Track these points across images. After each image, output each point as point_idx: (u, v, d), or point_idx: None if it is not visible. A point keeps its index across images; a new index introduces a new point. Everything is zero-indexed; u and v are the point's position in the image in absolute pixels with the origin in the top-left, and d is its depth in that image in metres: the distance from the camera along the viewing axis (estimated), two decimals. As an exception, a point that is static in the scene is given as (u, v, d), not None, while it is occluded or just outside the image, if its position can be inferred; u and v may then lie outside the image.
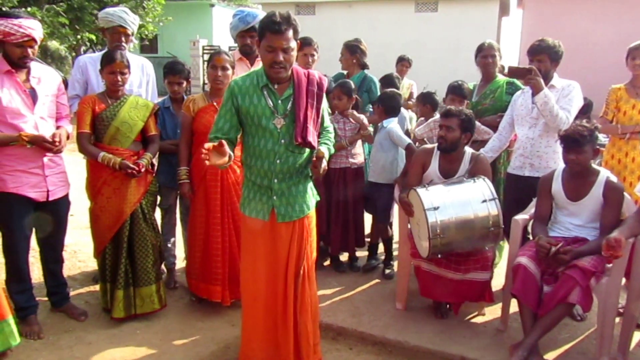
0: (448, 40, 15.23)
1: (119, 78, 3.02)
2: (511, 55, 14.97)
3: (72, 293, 3.34)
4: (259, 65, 3.55)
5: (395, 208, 3.68)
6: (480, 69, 3.83)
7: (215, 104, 3.16)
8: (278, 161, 2.36)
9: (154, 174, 3.28)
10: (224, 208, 3.15)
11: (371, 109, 4.25)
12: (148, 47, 18.68)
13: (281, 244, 2.44)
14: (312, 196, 2.53)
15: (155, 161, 3.41)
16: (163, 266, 3.69)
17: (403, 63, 6.39)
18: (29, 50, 2.73)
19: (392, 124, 3.69)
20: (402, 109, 4.06)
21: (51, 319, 3.10)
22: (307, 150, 2.40)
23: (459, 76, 4.35)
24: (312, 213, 2.53)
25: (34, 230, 3.00)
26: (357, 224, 3.90)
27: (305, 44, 3.73)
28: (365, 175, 3.93)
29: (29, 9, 10.33)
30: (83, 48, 13.55)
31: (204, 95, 3.24)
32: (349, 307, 3.38)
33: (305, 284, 2.46)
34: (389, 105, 3.71)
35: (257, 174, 2.43)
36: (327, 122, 2.56)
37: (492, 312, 3.27)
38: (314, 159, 2.31)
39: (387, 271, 3.86)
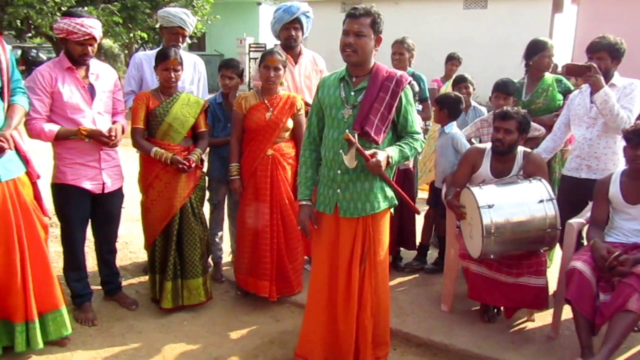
0: (497, 38, 14.82)
1: (172, 75, 3.09)
2: (564, 53, 14.42)
3: (123, 283, 3.46)
4: (302, 62, 3.58)
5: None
6: (535, 67, 3.69)
7: (266, 101, 3.19)
8: (341, 151, 2.36)
9: (203, 170, 3.34)
10: (274, 204, 3.18)
11: (419, 107, 4.20)
12: (196, 45, 19.09)
13: (344, 240, 2.44)
14: (382, 197, 2.44)
15: (205, 156, 3.49)
16: (210, 260, 3.77)
17: (453, 62, 6.25)
18: (89, 48, 2.83)
19: (454, 128, 3.60)
20: None
21: (104, 307, 3.22)
22: (373, 145, 2.35)
23: (508, 74, 4.22)
24: (381, 215, 2.47)
25: (89, 221, 3.12)
26: (405, 226, 3.86)
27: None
28: (415, 177, 3.89)
29: (85, 8, 10.76)
30: (135, 46, 13.98)
31: (255, 93, 3.27)
32: (393, 308, 3.33)
33: (365, 282, 2.43)
34: (454, 110, 3.62)
35: (325, 164, 2.48)
36: (416, 128, 2.46)
37: (542, 318, 3.17)
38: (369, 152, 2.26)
39: (427, 266, 3.83)
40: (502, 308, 3.16)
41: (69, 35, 2.76)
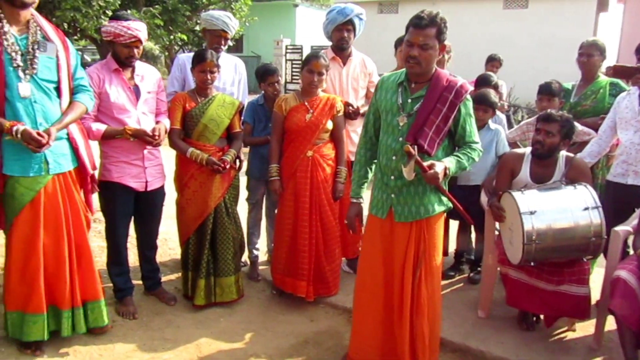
0: (539, 38, 14.45)
1: (209, 77, 3.15)
2: (610, 53, 13.96)
3: (163, 279, 3.54)
4: (351, 64, 3.59)
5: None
6: (579, 68, 3.60)
7: (306, 103, 3.22)
8: (394, 158, 2.35)
9: (237, 170, 3.39)
10: (313, 205, 3.20)
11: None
12: (234, 46, 19.37)
13: (398, 244, 2.43)
14: (437, 201, 2.42)
15: (244, 156, 3.54)
16: (247, 259, 3.83)
17: (493, 63, 6.13)
18: (135, 50, 2.92)
19: (498, 125, 3.55)
20: None
21: (144, 302, 3.31)
22: (426, 157, 2.31)
23: (551, 75, 4.12)
24: (435, 219, 2.44)
25: (132, 217, 3.21)
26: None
27: (401, 41, 3.68)
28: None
29: (128, 11, 11.08)
30: (175, 48, 14.29)
31: (296, 94, 3.30)
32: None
33: (422, 287, 2.40)
34: (494, 105, 3.56)
35: (378, 169, 2.47)
36: (475, 138, 2.42)
37: (584, 328, 3.07)
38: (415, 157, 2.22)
39: (472, 275, 3.75)
40: (541, 316, 3.09)
41: (116, 37, 2.85)
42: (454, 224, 3.92)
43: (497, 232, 3.19)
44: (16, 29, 2.44)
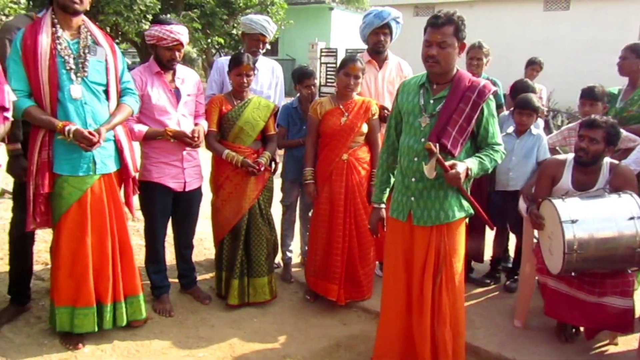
0: (581, 41, 14.03)
1: (245, 80, 3.19)
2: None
3: (198, 278, 3.59)
4: (387, 68, 3.58)
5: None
6: (618, 71, 3.49)
7: (341, 106, 3.23)
8: (415, 159, 2.33)
9: (271, 172, 3.42)
10: (347, 209, 3.20)
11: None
12: (269, 49, 19.58)
13: (418, 249, 2.40)
14: (457, 206, 2.38)
15: (278, 159, 3.57)
16: (280, 260, 3.86)
17: (534, 67, 5.97)
18: (177, 53, 2.99)
19: (540, 130, 3.47)
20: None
21: (180, 300, 3.37)
22: (449, 157, 2.29)
23: (595, 79, 3.99)
24: (456, 224, 2.40)
25: (170, 217, 3.27)
26: (473, 237, 3.74)
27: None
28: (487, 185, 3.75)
29: (168, 15, 11.35)
30: (212, 51, 14.55)
31: (331, 98, 3.31)
32: (463, 319, 3.26)
33: (443, 294, 2.36)
34: (537, 110, 3.47)
35: (399, 171, 2.46)
36: (497, 139, 2.37)
37: (627, 342, 2.96)
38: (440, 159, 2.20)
39: (509, 283, 3.67)
40: (581, 328, 2.99)
41: (158, 41, 2.93)
42: (490, 230, 3.84)
43: (535, 240, 3.11)
44: (68, 33, 2.54)
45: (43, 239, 3.78)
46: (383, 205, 2.63)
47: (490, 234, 3.87)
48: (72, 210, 2.57)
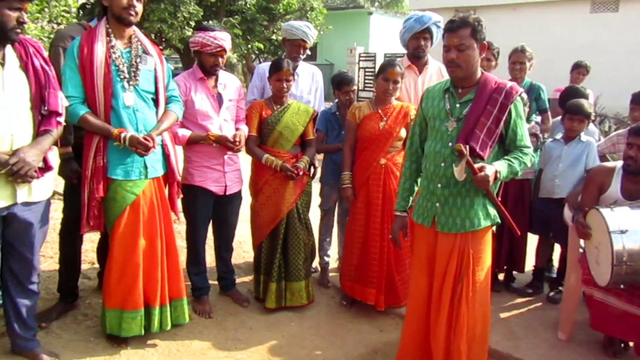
0: (630, 43, 13.50)
1: (285, 85, 3.22)
2: None
3: (237, 280, 3.64)
4: (426, 73, 3.55)
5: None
6: None
7: (379, 111, 3.22)
8: (442, 164, 2.30)
9: (310, 177, 3.44)
10: (385, 214, 3.18)
11: (538, 119, 3.98)
12: (308, 54, 19.69)
13: (440, 256, 2.37)
14: (483, 215, 2.33)
15: (317, 163, 3.59)
16: (317, 265, 3.87)
17: (580, 70, 5.78)
18: (220, 59, 3.05)
19: (591, 137, 3.38)
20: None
21: (219, 302, 3.43)
22: (477, 160, 2.26)
23: (643, 83, 3.84)
24: (482, 233, 2.35)
25: (211, 220, 3.33)
26: (516, 245, 3.66)
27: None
28: (532, 191, 3.66)
29: (210, 22, 11.59)
30: (252, 56, 14.77)
31: (369, 102, 3.31)
32: (504, 330, 3.19)
33: (462, 304, 2.32)
34: (589, 116, 3.37)
35: (425, 176, 2.43)
36: (526, 142, 2.33)
37: (680, 359, 2.83)
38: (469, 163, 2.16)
39: (553, 294, 3.56)
40: (631, 343, 2.87)
41: (202, 47, 3.00)
42: (532, 238, 3.75)
43: (581, 250, 3.01)
44: (121, 43, 2.64)
45: (89, 239, 3.92)
46: (406, 214, 2.59)
47: (532, 243, 3.77)
48: (126, 213, 2.64)
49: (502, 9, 15.62)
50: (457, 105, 2.31)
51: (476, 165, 2.15)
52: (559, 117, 3.73)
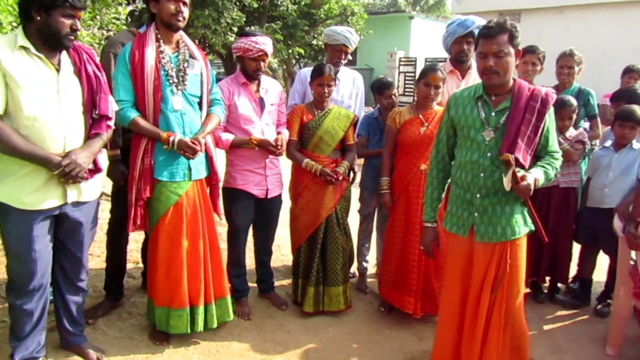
0: (687, 47, 12.90)
1: (326, 90, 3.24)
2: None
3: (275, 283, 3.67)
4: (470, 77, 3.49)
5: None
6: None
7: (420, 116, 3.19)
8: (482, 175, 2.26)
9: (349, 181, 3.43)
10: None
11: (586, 125, 3.84)
12: (348, 59, 19.71)
13: (477, 266, 2.32)
14: (522, 222, 2.31)
15: (357, 168, 3.59)
16: (355, 270, 3.86)
17: (631, 75, 5.54)
18: (262, 64, 3.10)
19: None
20: None
21: (258, 304, 3.46)
22: (520, 169, 2.23)
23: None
24: (520, 241, 2.32)
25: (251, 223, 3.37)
26: (558, 254, 3.53)
27: (528, 51, 3.55)
28: (578, 199, 3.54)
29: (251, 27, 11.79)
30: (293, 61, 14.90)
31: (410, 107, 3.29)
32: (548, 343, 3.09)
33: (494, 314, 2.27)
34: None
35: (460, 186, 2.38)
36: (555, 147, 2.33)
37: None
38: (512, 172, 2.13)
39: (600, 307, 3.43)
40: (685, 361, 2.73)
41: (245, 52, 3.05)
42: (576, 247, 3.61)
43: (632, 262, 2.89)
44: (169, 48, 2.72)
45: (134, 239, 4.04)
46: (436, 225, 2.56)
47: (575, 252, 3.65)
48: (170, 213, 2.72)
49: (548, 11, 15.21)
50: (493, 114, 2.26)
51: (518, 175, 2.13)
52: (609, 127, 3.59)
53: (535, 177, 2.16)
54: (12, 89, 2.16)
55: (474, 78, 3.52)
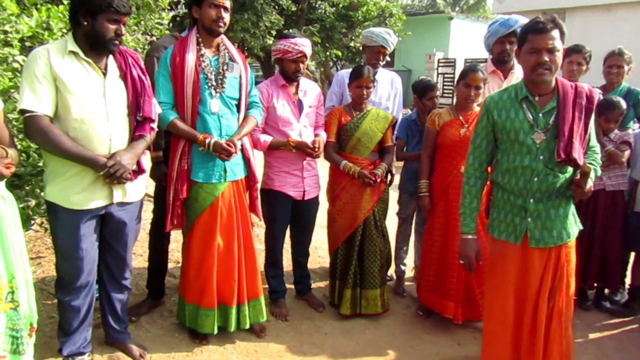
0: None
1: (365, 92, 3.22)
2: None
3: (312, 285, 3.67)
4: (512, 78, 3.41)
5: None
6: None
7: (461, 118, 3.14)
8: (535, 179, 2.19)
9: (387, 184, 3.41)
10: None
11: (636, 126, 3.68)
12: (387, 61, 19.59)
13: (533, 273, 2.25)
14: (573, 223, 2.28)
15: (395, 170, 3.55)
16: (393, 273, 3.82)
17: (684, 73, 5.30)
18: (301, 65, 3.11)
19: None
20: None
21: (295, 305, 3.47)
22: (570, 168, 2.18)
23: None
24: (572, 242, 2.27)
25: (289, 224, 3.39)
26: (608, 258, 3.39)
27: (574, 50, 3.44)
28: (625, 201, 3.39)
29: (290, 30, 11.90)
30: (330, 64, 14.92)
31: (450, 109, 3.24)
32: (595, 352, 2.98)
33: (553, 321, 2.20)
34: None
35: (510, 192, 2.30)
36: (594, 141, 2.27)
37: None
38: (577, 177, 2.10)
39: None
40: None
41: (284, 54, 3.07)
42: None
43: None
44: (210, 51, 2.77)
45: (175, 239, 4.13)
46: (476, 236, 2.45)
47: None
48: (205, 214, 2.76)
49: (594, 10, 14.70)
50: (541, 115, 2.20)
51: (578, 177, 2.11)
52: None
53: (592, 175, 2.13)
54: (62, 92, 2.24)
55: (516, 77, 3.44)
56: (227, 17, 2.70)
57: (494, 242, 2.40)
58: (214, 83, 2.72)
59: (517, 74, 3.45)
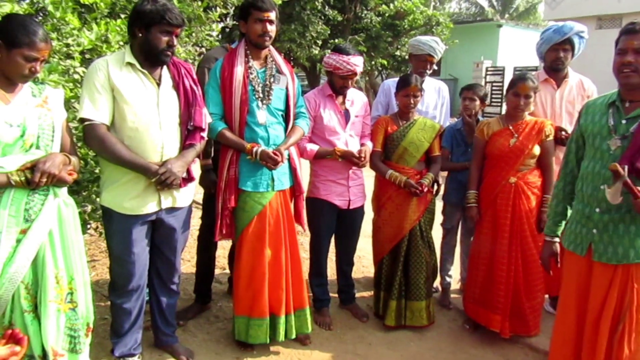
0: None
1: (412, 101, 3.19)
2: None
3: (356, 295, 3.64)
4: (566, 87, 3.31)
5: None
6: None
7: (510, 127, 3.06)
8: (602, 187, 2.08)
9: (434, 194, 3.35)
10: (513, 236, 3.00)
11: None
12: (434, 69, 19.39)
13: (596, 288, 2.14)
14: None
15: (441, 181, 3.50)
16: (438, 285, 3.75)
17: None
18: (349, 82, 3.11)
19: None
20: None
21: (339, 315, 3.46)
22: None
23: None
24: None
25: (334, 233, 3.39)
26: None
27: None
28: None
29: (335, 40, 11.98)
30: (375, 72, 14.91)
31: (499, 119, 3.17)
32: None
33: (624, 345, 2.06)
34: None
35: (580, 199, 2.23)
36: None
37: None
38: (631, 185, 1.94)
39: None
40: None
41: (335, 70, 3.08)
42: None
43: None
44: (257, 63, 2.83)
45: (221, 245, 4.21)
46: (557, 239, 2.40)
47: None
48: (253, 223, 2.80)
49: (654, 14, 14.02)
50: (623, 122, 2.08)
51: (638, 187, 1.94)
52: None
53: None
54: (118, 102, 2.35)
55: (571, 86, 3.33)
56: (272, 29, 2.75)
57: (562, 252, 2.33)
58: (261, 95, 2.77)
59: (571, 82, 3.34)
